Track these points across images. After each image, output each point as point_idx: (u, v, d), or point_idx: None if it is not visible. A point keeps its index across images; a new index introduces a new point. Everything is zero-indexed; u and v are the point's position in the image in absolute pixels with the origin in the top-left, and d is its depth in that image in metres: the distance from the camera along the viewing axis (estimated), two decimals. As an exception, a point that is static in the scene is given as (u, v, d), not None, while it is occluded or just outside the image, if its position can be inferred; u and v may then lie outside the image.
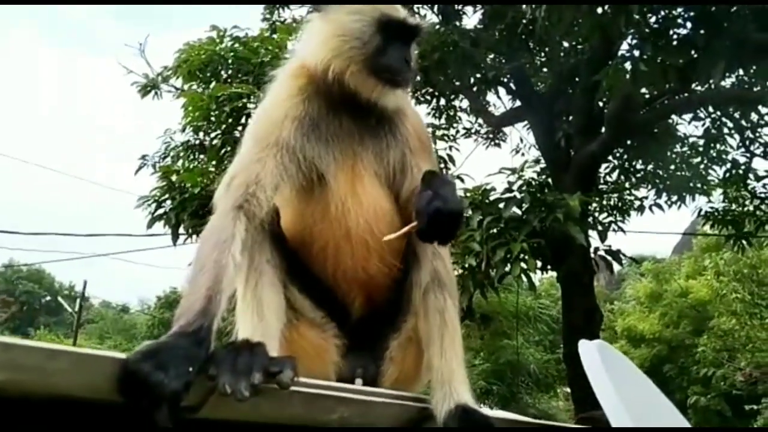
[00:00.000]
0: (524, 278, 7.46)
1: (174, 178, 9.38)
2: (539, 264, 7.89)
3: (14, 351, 1.10)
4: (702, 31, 7.45)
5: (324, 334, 2.10)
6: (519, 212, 7.61)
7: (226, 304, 1.73)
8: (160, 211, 9.24)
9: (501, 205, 7.62)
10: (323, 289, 2.11)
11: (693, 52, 7.41)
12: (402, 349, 2.12)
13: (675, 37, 7.63)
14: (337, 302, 2.13)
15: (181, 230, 9.19)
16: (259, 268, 1.97)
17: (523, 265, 7.21)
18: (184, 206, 8.96)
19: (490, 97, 11.83)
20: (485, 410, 2.08)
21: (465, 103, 11.86)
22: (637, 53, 7.57)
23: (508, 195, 7.86)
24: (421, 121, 2.40)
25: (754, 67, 8.09)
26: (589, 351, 2.24)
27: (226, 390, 1.39)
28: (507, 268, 7.29)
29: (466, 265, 7.49)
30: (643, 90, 9.01)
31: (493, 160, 19.22)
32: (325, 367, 2.05)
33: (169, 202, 9.19)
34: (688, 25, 7.76)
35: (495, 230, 7.41)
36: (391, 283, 2.15)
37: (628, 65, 7.41)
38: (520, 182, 8.17)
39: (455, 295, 2.13)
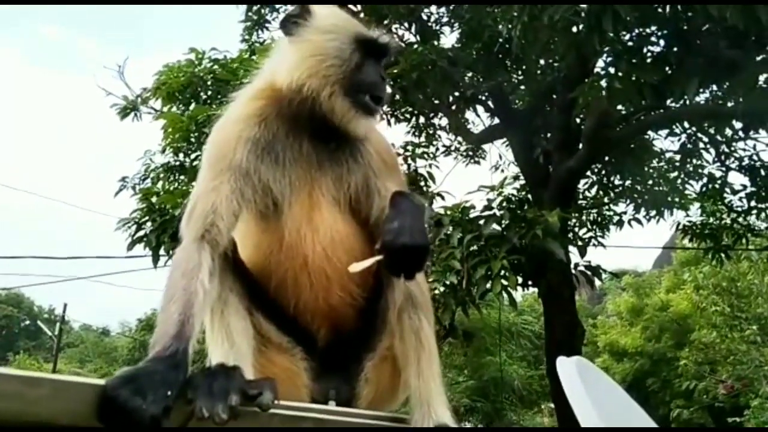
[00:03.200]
0: (505, 295, 7.47)
1: (154, 199, 9.32)
2: (520, 280, 7.89)
3: (-5, 380, 1.10)
4: (675, 49, 7.56)
5: (293, 358, 2.06)
6: (499, 229, 7.62)
7: (200, 328, 1.73)
8: (141, 233, 9.16)
9: (481, 223, 7.63)
10: (287, 319, 2.07)
11: (667, 69, 7.50)
12: (377, 370, 2.09)
13: (649, 54, 7.72)
14: (301, 331, 2.08)
15: (162, 252, 9.13)
16: (223, 296, 1.94)
17: (503, 281, 7.23)
18: (165, 228, 8.89)
19: (469, 114, 11.90)
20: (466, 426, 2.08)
21: (444, 121, 11.90)
22: (612, 70, 7.65)
23: (487, 212, 7.89)
24: (384, 141, 2.34)
25: (727, 83, 8.19)
26: (567, 368, 2.25)
27: (203, 414, 1.39)
28: (488, 285, 7.28)
29: (447, 283, 7.49)
30: (619, 106, 9.09)
31: (472, 177, 19.37)
32: (297, 390, 2.01)
33: (149, 224, 9.12)
34: (662, 42, 7.87)
35: (475, 247, 7.42)
36: (357, 312, 2.10)
37: (603, 82, 7.50)
38: (499, 199, 8.21)
39: (430, 315, 2.12)
